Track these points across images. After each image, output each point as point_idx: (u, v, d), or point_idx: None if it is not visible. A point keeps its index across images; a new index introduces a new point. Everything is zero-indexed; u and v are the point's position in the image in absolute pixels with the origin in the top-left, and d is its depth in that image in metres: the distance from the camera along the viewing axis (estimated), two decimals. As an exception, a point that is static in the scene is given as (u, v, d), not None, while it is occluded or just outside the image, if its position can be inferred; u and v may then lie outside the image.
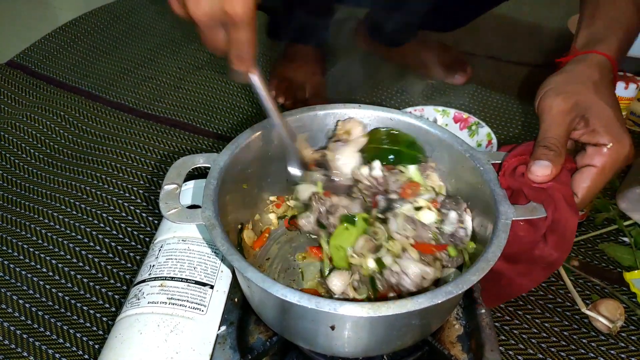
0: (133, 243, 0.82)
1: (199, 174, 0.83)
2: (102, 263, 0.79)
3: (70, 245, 0.82)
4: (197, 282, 0.62)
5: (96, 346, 0.69)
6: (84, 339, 0.70)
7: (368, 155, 0.63)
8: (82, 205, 0.88)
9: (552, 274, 0.75)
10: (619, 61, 0.61)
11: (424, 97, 1.15)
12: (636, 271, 0.72)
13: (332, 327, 0.47)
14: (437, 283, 0.56)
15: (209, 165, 0.57)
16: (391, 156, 0.63)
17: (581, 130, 0.55)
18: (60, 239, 0.83)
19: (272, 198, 0.69)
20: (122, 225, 0.85)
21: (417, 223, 0.56)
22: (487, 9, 1.08)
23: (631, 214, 0.81)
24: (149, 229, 0.84)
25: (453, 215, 0.57)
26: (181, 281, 0.62)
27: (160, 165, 0.97)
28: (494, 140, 0.88)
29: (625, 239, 0.80)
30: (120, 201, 0.89)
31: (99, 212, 0.87)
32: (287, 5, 1.07)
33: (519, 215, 0.52)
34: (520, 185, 0.54)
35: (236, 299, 0.62)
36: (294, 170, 0.63)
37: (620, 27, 0.62)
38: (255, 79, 0.54)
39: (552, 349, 0.68)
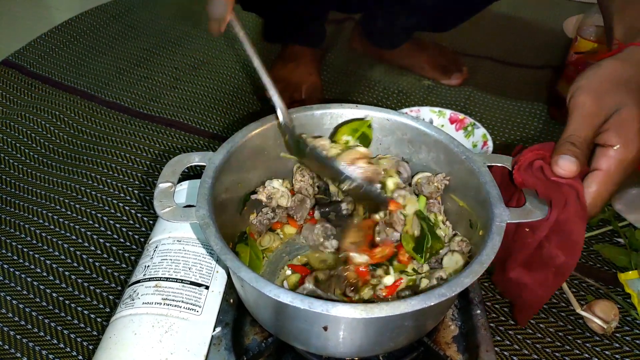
0: (128, 243, 0.82)
1: (194, 174, 0.83)
2: (97, 263, 0.79)
3: (65, 245, 0.81)
4: (192, 283, 0.62)
5: (90, 347, 0.68)
6: (78, 339, 0.69)
7: None
8: (77, 206, 0.88)
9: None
10: None
11: (420, 98, 1.15)
12: (631, 272, 0.73)
13: (325, 328, 0.47)
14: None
15: (204, 164, 0.56)
16: None
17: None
18: (54, 239, 0.82)
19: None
20: (117, 225, 0.85)
21: None
22: (482, 8, 1.08)
23: (626, 215, 0.82)
24: (143, 229, 0.84)
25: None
26: (176, 282, 0.62)
27: (156, 165, 0.96)
28: (490, 142, 0.88)
29: (620, 240, 0.80)
30: (115, 201, 0.89)
31: (93, 212, 0.87)
32: (282, 7, 1.07)
33: (513, 218, 0.52)
34: (535, 180, 0.54)
35: (231, 300, 0.62)
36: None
37: None
38: (234, 23, 0.52)
39: (547, 350, 0.68)
